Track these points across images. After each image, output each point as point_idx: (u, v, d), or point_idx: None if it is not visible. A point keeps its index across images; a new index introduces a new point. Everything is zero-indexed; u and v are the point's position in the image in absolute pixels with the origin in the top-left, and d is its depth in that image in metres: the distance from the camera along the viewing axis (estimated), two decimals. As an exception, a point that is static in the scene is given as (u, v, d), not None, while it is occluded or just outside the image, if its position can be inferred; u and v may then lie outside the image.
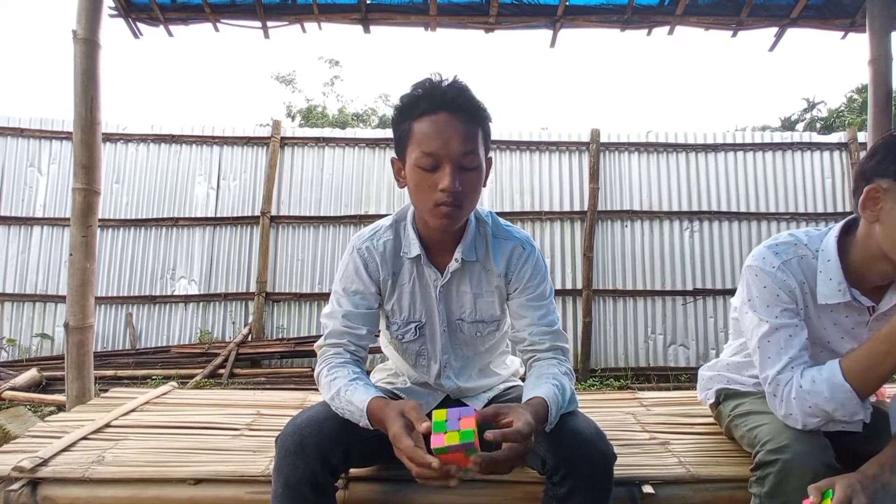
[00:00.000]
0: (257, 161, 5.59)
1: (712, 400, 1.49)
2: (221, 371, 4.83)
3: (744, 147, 5.67)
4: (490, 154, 1.19)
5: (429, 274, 1.26)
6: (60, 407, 3.62)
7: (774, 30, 2.85)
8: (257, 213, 5.48)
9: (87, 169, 2.15)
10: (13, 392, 4.14)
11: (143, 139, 5.52)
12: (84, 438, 1.49)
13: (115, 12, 2.64)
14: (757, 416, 1.23)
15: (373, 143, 5.65)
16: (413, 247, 1.24)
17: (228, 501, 1.26)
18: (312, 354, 5.06)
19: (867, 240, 1.11)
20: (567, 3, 2.72)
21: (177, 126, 5.59)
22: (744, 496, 1.13)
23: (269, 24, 2.78)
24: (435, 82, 1.11)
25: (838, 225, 1.17)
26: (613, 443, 1.09)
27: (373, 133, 5.89)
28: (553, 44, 2.92)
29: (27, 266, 5.31)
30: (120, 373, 4.76)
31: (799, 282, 1.16)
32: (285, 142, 5.62)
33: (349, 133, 5.84)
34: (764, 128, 11.29)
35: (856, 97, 10.08)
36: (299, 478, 1.02)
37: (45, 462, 1.33)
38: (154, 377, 4.70)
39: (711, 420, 1.58)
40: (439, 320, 1.29)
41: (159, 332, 5.38)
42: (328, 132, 5.82)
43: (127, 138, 5.50)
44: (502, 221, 1.32)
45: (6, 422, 3.55)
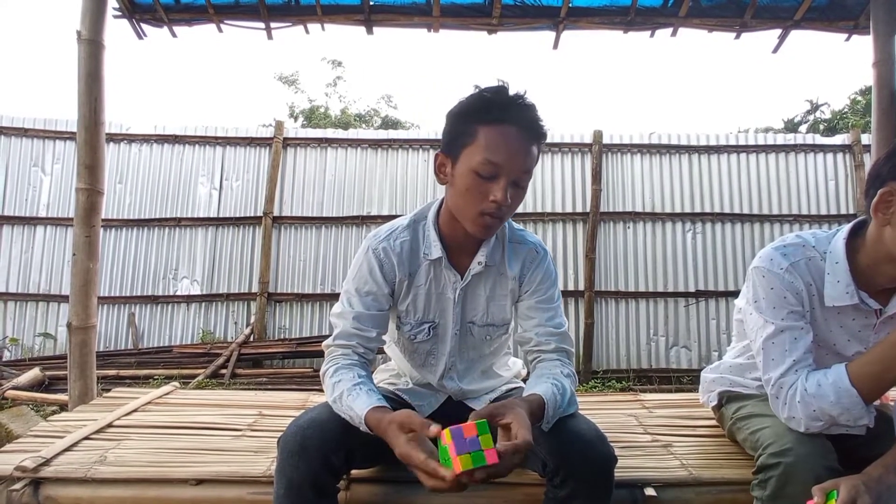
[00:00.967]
0: (260, 161, 5.60)
1: (715, 402, 1.48)
2: (223, 371, 4.84)
3: (747, 149, 5.65)
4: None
5: (448, 276, 1.26)
6: (63, 406, 3.63)
7: (778, 32, 2.85)
8: (260, 214, 5.49)
9: (91, 169, 2.15)
10: (16, 391, 4.16)
11: (147, 139, 5.53)
12: (86, 438, 1.49)
13: (119, 13, 2.65)
14: (759, 419, 1.23)
15: (375, 144, 5.65)
16: (434, 248, 1.23)
17: (230, 502, 1.26)
18: (315, 355, 5.09)
19: (876, 242, 1.10)
20: (570, 5, 2.72)
21: (180, 126, 5.60)
22: (746, 499, 1.12)
23: (273, 25, 2.79)
24: (510, 93, 1.10)
25: (846, 227, 1.17)
26: (615, 445, 1.09)
27: (375, 134, 5.89)
28: (556, 45, 2.92)
29: (30, 265, 5.32)
30: (122, 372, 4.77)
31: (806, 284, 1.15)
32: (288, 142, 5.63)
33: (352, 134, 5.84)
34: (767, 129, 11.27)
35: (859, 99, 10.05)
36: (301, 479, 1.02)
37: (48, 462, 1.33)
38: (156, 377, 4.70)
39: (714, 422, 1.57)
40: (453, 322, 1.29)
41: (161, 332, 5.39)
42: (331, 133, 5.83)
43: (130, 138, 5.51)
44: (516, 225, 1.32)
45: (9, 421, 3.56)
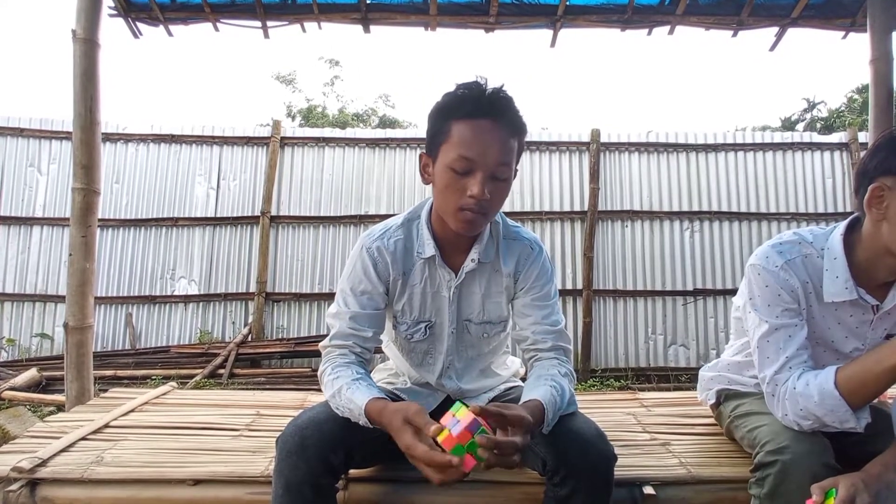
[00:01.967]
0: (257, 161, 5.59)
1: (713, 400, 1.48)
2: (221, 371, 4.83)
3: (744, 147, 5.66)
4: (518, 165, 1.18)
5: (442, 275, 1.26)
6: (60, 407, 3.62)
7: (775, 29, 2.85)
8: (257, 213, 5.48)
9: (87, 169, 2.14)
10: (13, 392, 4.14)
11: (143, 139, 5.52)
12: (83, 439, 1.49)
13: (115, 12, 2.63)
14: (757, 417, 1.23)
15: (373, 144, 5.65)
16: (427, 247, 1.23)
17: (228, 502, 1.25)
18: (312, 354, 5.08)
19: (872, 237, 1.10)
20: (567, 3, 2.71)
21: (177, 126, 5.59)
22: (745, 497, 1.12)
23: (269, 24, 2.78)
24: (483, 87, 1.10)
25: (843, 223, 1.17)
26: (614, 443, 1.09)
27: (373, 133, 5.89)
28: (553, 43, 2.91)
29: (27, 266, 5.31)
30: (119, 373, 4.75)
31: (802, 281, 1.15)
32: (285, 142, 5.62)
33: (349, 133, 5.84)
34: (764, 128, 11.30)
35: (856, 97, 10.09)
36: (300, 479, 1.02)
37: (45, 462, 1.32)
38: (154, 377, 4.69)
39: (712, 420, 1.57)
40: (449, 321, 1.28)
41: (159, 332, 5.38)
42: (328, 132, 5.83)
43: (127, 138, 5.49)
44: (511, 222, 1.32)
45: (5, 422, 3.54)
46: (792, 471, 1.03)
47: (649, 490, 1.24)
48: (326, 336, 1.24)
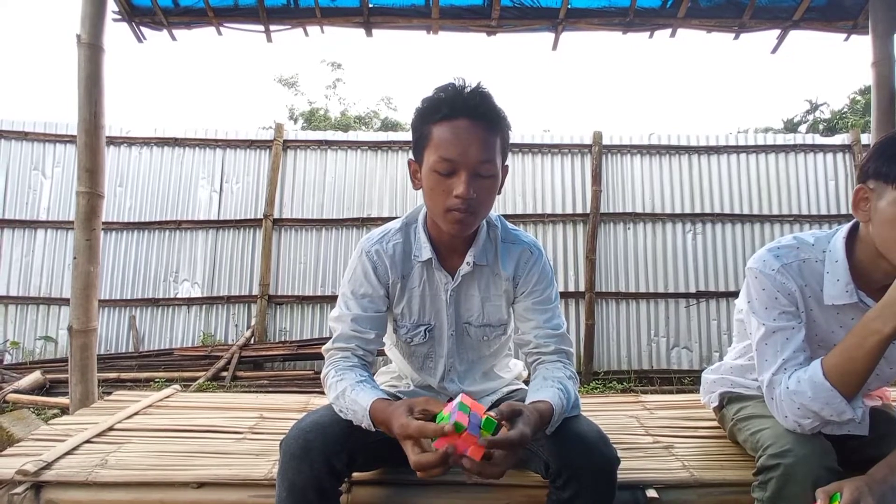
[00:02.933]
0: (260, 164, 5.60)
1: (716, 403, 1.48)
2: (224, 374, 4.83)
3: (746, 149, 5.65)
4: (507, 162, 1.19)
5: (439, 277, 1.27)
6: (64, 410, 3.63)
7: (777, 32, 2.85)
8: (260, 216, 5.49)
9: (91, 172, 2.16)
10: (17, 395, 4.15)
11: (147, 142, 5.54)
12: (87, 442, 1.49)
13: (119, 17, 2.65)
14: (760, 420, 1.23)
15: (375, 146, 5.66)
16: (424, 250, 1.24)
17: (231, 505, 1.26)
18: (315, 357, 5.08)
19: (867, 239, 1.11)
20: (569, 6, 2.72)
21: (180, 129, 5.60)
22: (748, 500, 1.12)
23: (272, 28, 2.79)
24: (458, 87, 1.10)
25: (846, 226, 1.17)
26: (617, 446, 1.09)
27: (375, 136, 5.89)
28: (555, 46, 2.92)
29: (31, 269, 5.32)
30: (123, 375, 4.76)
31: (799, 285, 1.15)
32: (288, 145, 5.63)
33: (351, 136, 5.84)
34: (766, 130, 11.28)
35: (859, 99, 10.07)
36: (303, 482, 1.02)
37: (49, 465, 1.33)
38: (157, 380, 4.70)
39: (715, 423, 1.57)
40: (448, 324, 1.29)
41: (162, 335, 5.39)
42: (330, 135, 5.83)
43: (130, 142, 5.52)
44: (510, 226, 1.32)
45: (10, 425, 3.55)
46: (795, 474, 1.03)
47: (652, 493, 1.23)
48: (329, 339, 1.25)
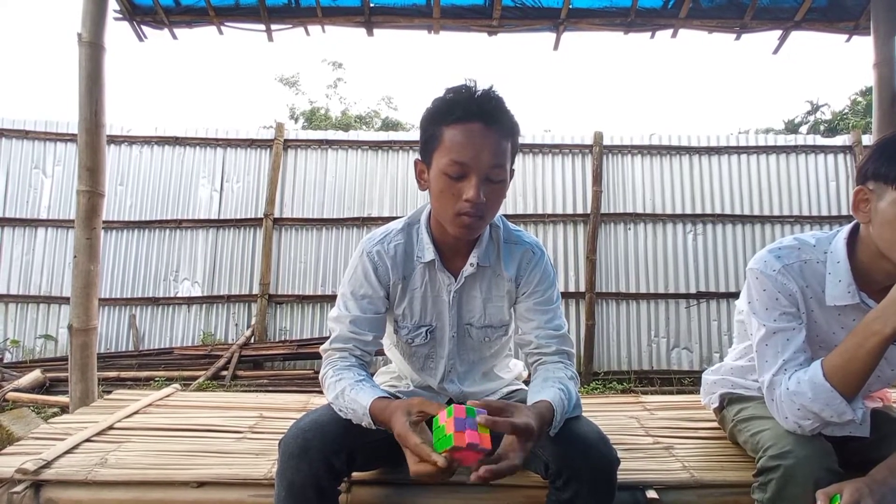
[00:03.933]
0: (260, 163, 5.60)
1: (716, 404, 1.48)
2: (224, 373, 4.83)
3: (747, 150, 5.65)
4: (514, 166, 1.18)
5: (442, 279, 1.26)
6: (64, 408, 3.63)
7: (778, 33, 2.85)
8: (260, 216, 5.49)
9: (92, 171, 2.16)
10: (17, 393, 4.16)
11: (147, 141, 5.54)
12: (87, 440, 1.49)
13: (120, 15, 2.65)
14: (760, 421, 1.23)
15: (376, 146, 5.66)
16: (427, 251, 1.24)
17: (231, 505, 1.25)
18: (315, 357, 5.08)
19: (868, 240, 1.11)
20: (570, 6, 2.72)
21: (180, 128, 5.61)
22: (748, 501, 1.12)
23: (273, 27, 2.79)
24: (472, 90, 1.09)
25: (847, 227, 1.17)
26: (617, 447, 1.09)
27: (376, 136, 5.89)
28: (556, 46, 2.92)
29: (31, 267, 5.33)
30: (123, 374, 4.77)
31: (800, 286, 1.15)
32: (288, 144, 5.63)
33: (352, 135, 5.84)
34: (767, 130, 11.28)
35: (860, 100, 10.06)
36: (303, 481, 1.02)
37: (49, 464, 1.32)
38: (157, 379, 4.71)
39: (715, 424, 1.57)
40: (449, 325, 1.29)
41: (162, 334, 5.39)
42: (331, 134, 5.84)
43: (131, 140, 5.52)
44: (512, 226, 1.32)
45: (10, 423, 3.56)
46: (795, 475, 1.03)
47: (652, 494, 1.23)
48: (328, 338, 1.24)
